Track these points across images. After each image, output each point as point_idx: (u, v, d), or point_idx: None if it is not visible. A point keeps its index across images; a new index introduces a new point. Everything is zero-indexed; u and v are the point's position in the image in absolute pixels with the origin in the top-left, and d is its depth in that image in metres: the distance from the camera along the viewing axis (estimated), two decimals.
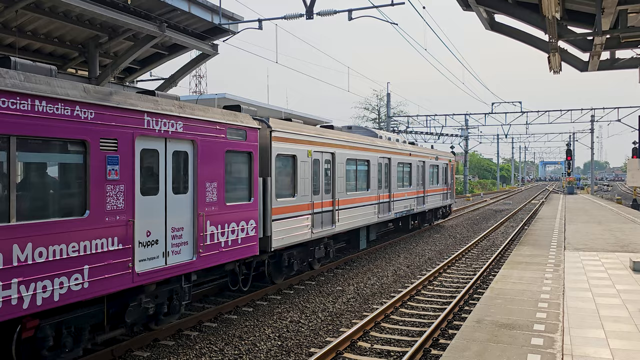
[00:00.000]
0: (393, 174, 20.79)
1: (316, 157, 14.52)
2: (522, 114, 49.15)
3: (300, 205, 13.50)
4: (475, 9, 10.94)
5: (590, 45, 11.03)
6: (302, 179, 13.62)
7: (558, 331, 7.88)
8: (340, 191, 15.89)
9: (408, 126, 55.97)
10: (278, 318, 11.26)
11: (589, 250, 15.96)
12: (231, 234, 10.74)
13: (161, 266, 9.01)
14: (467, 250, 20.70)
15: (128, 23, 14.49)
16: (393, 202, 20.77)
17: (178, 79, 19.49)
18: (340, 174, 15.90)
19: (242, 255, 11.12)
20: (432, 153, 27.02)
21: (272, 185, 12.23)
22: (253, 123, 11.57)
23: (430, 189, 26.34)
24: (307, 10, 16.07)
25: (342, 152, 16.13)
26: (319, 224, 14.60)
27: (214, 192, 10.28)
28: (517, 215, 37.52)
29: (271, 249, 12.22)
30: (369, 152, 18.36)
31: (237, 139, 10.97)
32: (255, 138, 11.59)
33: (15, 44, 15.18)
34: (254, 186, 11.50)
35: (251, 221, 11.38)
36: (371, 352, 9.30)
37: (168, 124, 9.18)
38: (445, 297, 13.36)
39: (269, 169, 12.23)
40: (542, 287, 10.88)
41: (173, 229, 9.31)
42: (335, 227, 15.54)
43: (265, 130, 12.35)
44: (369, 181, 18.35)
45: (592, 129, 57.90)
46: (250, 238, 11.36)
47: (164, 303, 9.53)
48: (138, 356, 8.98)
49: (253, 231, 11.47)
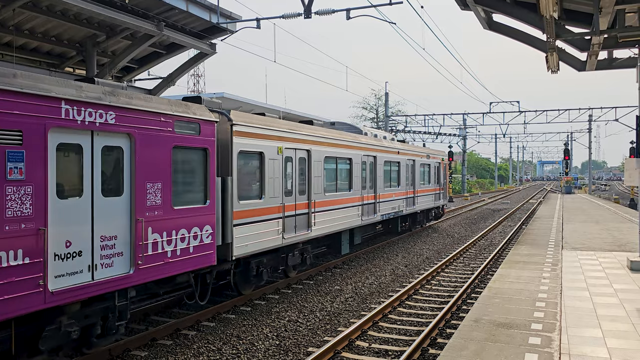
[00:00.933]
0: (379, 173, 19.51)
1: (288, 155, 13.28)
2: (520, 114, 49.22)
3: (268, 208, 12.26)
4: (474, 8, 10.94)
5: (588, 44, 11.04)
6: (270, 179, 12.38)
7: (555, 330, 7.89)
8: (317, 192, 14.66)
9: (406, 126, 56.00)
10: (276, 317, 11.26)
11: (586, 249, 15.99)
12: (180, 242, 9.42)
13: (86, 282, 7.67)
14: (465, 250, 20.72)
15: (126, 22, 14.46)
16: (379, 203, 19.46)
17: (176, 78, 19.44)
18: (317, 173, 14.66)
19: (195, 266, 9.81)
20: (422, 151, 25.85)
21: (233, 186, 10.92)
22: (208, 115, 10.24)
23: (421, 189, 25.15)
24: (305, 10, 16.06)
25: (320, 149, 14.88)
26: (291, 229, 13.29)
27: (158, 194, 8.95)
28: (515, 215, 37.56)
29: (232, 258, 10.92)
30: (352, 150, 17.16)
31: (188, 133, 9.66)
32: (212, 132, 10.27)
33: (12, 42, 15.14)
34: (210, 187, 10.20)
35: (206, 227, 10.05)
36: (369, 351, 9.30)
37: (95, 114, 7.81)
38: (443, 296, 13.37)
39: (230, 168, 10.93)
40: (539, 286, 10.90)
41: (103, 238, 7.99)
42: (311, 232, 14.26)
43: (225, 123, 11.00)
44: (351, 181, 17.11)
45: (589, 129, 58.01)
46: (205, 246, 10.03)
47: (96, 324, 8.22)
48: (136, 355, 8.97)
49: (209, 238, 10.14)
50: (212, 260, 10.28)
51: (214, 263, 10.34)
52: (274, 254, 12.96)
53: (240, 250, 11.18)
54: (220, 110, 11.11)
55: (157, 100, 9.12)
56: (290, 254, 13.74)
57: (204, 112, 10.16)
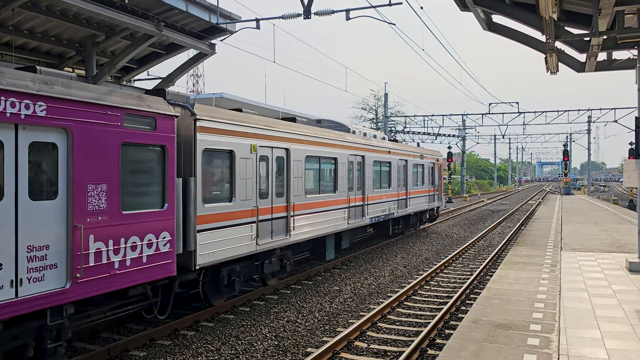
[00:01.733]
0: (368, 173, 18.46)
1: (264, 154, 12.27)
2: (520, 115, 49.21)
3: (239, 211, 11.28)
4: (473, 9, 10.95)
5: (587, 46, 11.06)
6: (242, 180, 11.38)
7: (554, 331, 7.90)
8: (297, 194, 13.66)
9: (405, 126, 56.00)
10: (275, 318, 11.26)
11: (585, 250, 16.00)
12: (131, 251, 8.42)
13: (8, 300, 6.66)
14: (464, 251, 20.72)
15: (125, 22, 14.45)
16: (367, 205, 18.44)
17: (175, 78, 19.43)
18: (297, 173, 13.67)
19: (149, 278, 8.80)
20: (416, 151, 24.80)
21: (196, 188, 9.96)
22: (166, 109, 9.16)
23: (414, 190, 24.14)
24: (305, 10, 16.06)
25: (300, 147, 13.85)
26: (267, 234, 12.31)
27: (102, 197, 7.94)
28: (514, 216, 37.57)
29: (195, 267, 9.96)
30: (337, 149, 16.14)
31: (140, 128, 8.64)
32: (171, 128, 9.23)
33: (11, 42, 15.14)
34: (168, 189, 9.16)
35: (164, 233, 9.06)
36: (368, 352, 9.30)
37: (19, 104, 6.78)
38: (442, 297, 13.37)
39: (193, 168, 9.97)
40: (538, 287, 10.90)
41: (30, 248, 6.96)
42: (290, 237, 13.24)
43: (188, 118, 10.01)
44: (336, 182, 16.11)
45: (588, 130, 58.06)
46: (162, 255, 9.03)
47: (28, 345, 7.25)
48: (134, 356, 8.96)
49: (167, 246, 9.11)
50: (172, 271, 9.27)
51: (174, 274, 9.35)
52: (248, 261, 12.04)
53: (206, 258, 10.23)
54: (183, 103, 10.13)
55: (102, 91, 8.08)
56: (267, 260, 12.75)
57: (160, 105, 9.09)
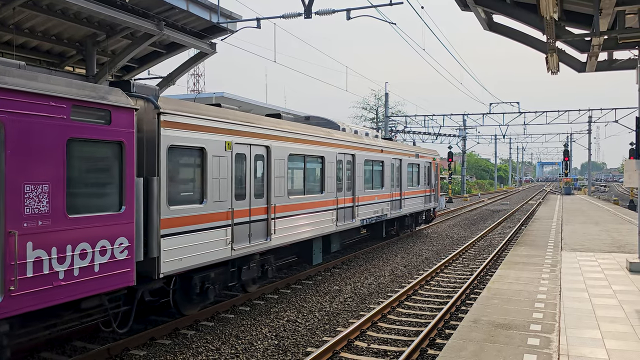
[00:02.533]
0: (358, 173, 17.53)
1: (240, 151, 11.35)
2: (520, 115, 49.23)
3: (212, 214, 10.41)
4: (474, 9, 10.95)
5: (588, 46, 11.05)
6: (215, 180, 10.51)
7: (554, 331, 7.89)
8: (278, 195, 12.77)
9: (406, 126, 56.02)
10: (275, 317, 11.26)
11: (585, 250, 15.99)
12: (80, 259, 7.52)
13: None
14: (465, 251, 20.72)
15: (126, 21, 14.46)
16: (358, 207, 17.49)
17: (176, 78, 19.45)
18: (278, 172, 12.80)
19: (103, 288, 7.93)
20: (411, 150, 23.89)
21: (160, 189, 9.05)
22: (123, 101, 8.24)
23: (409, 191, 23.14)
24: (306, 10, 16.07)
25: (282, 145, 12.96)
26: (244, 238, 11.42)
27: (44, 199, 7.09)
28: (514, 216, 37.57)
29: (159, 275, 9.06)
30: (324, 147, 15.22)
31: (92, 122, 7.75)
32: (130, 122, 8.34)
33: (12, 41, 15.14)
34: (126, 190, 8.26)
35: (120, 239, 8.16)
36: (368, 351, 9.30)
37: None
38: (442, 297, 13.37)
39: (156, 166, 9.07)
40: (539, 287, 10.90)
41: None
42: (270, 241, 12.35)
43: (151, 112, 9.09)
44: (323, 182, 15.19)
45: (589, 130, 58.04)
46: (118, 263, 8.14)
47: None
48: (134, 355, 8.96)
49: (124, 253, 8.23)
50: (130, 280, 8.39)
51: (133, 283, 8.45)
52: (223, 267, 11.17)
53: (171, 265, 9.33)
54: (145, 95, 9.23)
55: (44, 79, 7.24)
56: (245, 266, 11.83)
57: (116, 97, 8.17)
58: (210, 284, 10.71)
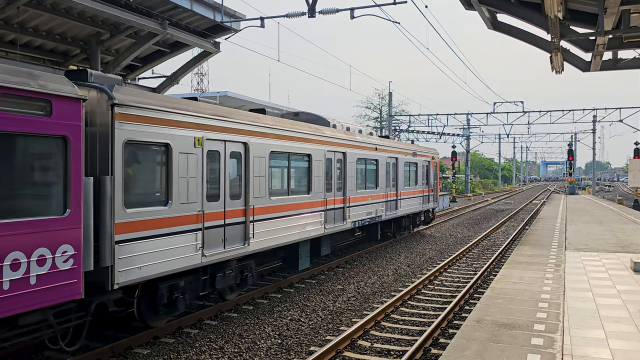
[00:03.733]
0: (350, 172, 16.63)
1: (213, 148, 10.44)
2: (524, 114, 49.12)
3: (179, 217, 9.47)
4: (478, 8, 10.92)
5: (593, 45, 11.01)
6: (182, 180, 9.58)
7: (558, 331, 7.87)
8: (258, 195, 11.83)
9: (410, 125, 55.98)
10: (278, 316, 11.27)
11: (589, 250, 15.95)
12: (11, 270, 6.64)
13: None
14: (468, 250, 20.69)
15: (130, 20, 14.50)
16: (350, 208, 16.57)
17: (180, 77, 19.49)
18: (258, 171, 11.89)
19: (42, 303, 7.04)
20: (408, 148, 22.92)
21: (115, 189, 8.16)
22: (67, 90, 7.32)
23: (406, 191, 22.19)
24: (309, 9, 16.07)
25: (262, 142, 12.05)
26: (217, 243, 10.47)
27: None
28: (518, 215, 37.49)
29: (113, 287, 8.15)
30: (311, 144, 14.31)
31: (26, 113, 6.87)
32: (76, 114, 7.43)
33: (16, 40, 15.19)
34: (71, 191, 7.34)
35: (64, 247, 7.23)
36: (371, 350, 9.29)
37: None
38: (445, 296, 13.35)
39: (110, 164, 8.16)
40: (542, 287, 10.87)
41: None
42: (248, 246, 11.40)
43: (104, 103, 8.15)
44: (310, 182, 14.29)
45: (594, 130, 57.86)
46: (62, 274, 7.22)
47: None
48: (138, 353, 8.98)
49: (68, 262, 7.30)
50: (77, 293, 7.48)
51: (80, 296, 7.54)
52: (195, 275, 10.29)
53: (129, 275, 8.42)
54: (98, 85, 8.29)
55: None
56: (220, 274, 10.96)
57: (59, 85, 7.24)
58: (179, 293, 9.86)
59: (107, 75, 8.69)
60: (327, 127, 16.00)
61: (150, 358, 8.80)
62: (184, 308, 10.00)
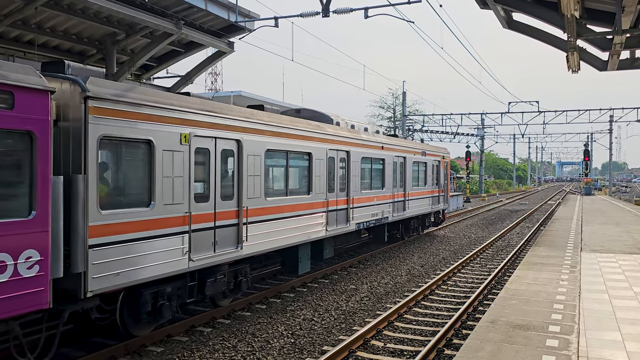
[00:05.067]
0: (354, 172, 15.97)
1: (202, 146, 9.82)
2: (540, 114, 48.66)
3: (163, 219, 8.86)
4: (493, 7, 10.84)
5: (610, 44, 10.88)
6: (167, 179, 8.96)
7: (574, 333, 7.80)
8: (253, 196, 11.22)
9: (423, 125, 55.76)
10: (291, 316, 11.28)
11: (606, 251, 15.77)
12: None
13: None
14: (482, 251, 20.56)
15: (145, 20, 14.60)
16: (353, 209, 15.92)
17: (194, 77, 19.58)
18: (253, 171, 11.26)
19: (1, 314, 6.48)
20: (416, 147, 22.15)
21: (88, 189, 7.55)
22: (33, 81, 6.75)
23: (414, 191, 21.41)
24: (324, 8, 16.05)
25: (257, 139, 11.40)
26: (206, 246, 9.88)
27: None
28: (533, 216, 37.18)
29: (86, 294, 7.57)
30: (312, 142, 13.66)
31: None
32: (44, 108, 6.84)
33: (34, 40, 15.38)
34: (37, 191, 6.73)
35: (28, 252, 6.64)
36: (384, 351, 9.27)
37: None
38: (459, 297, 13.28)
39: (83, 162, 7.56)
40: (557, 288, 10.77)
41: None
42: (241, 249, 10.80)
43: (76, 95, 7.56)
44: (310, 182, 13.63)
45: (610, 130, 57.22)
46: (25, 282, 6.63)
47: None
48: (152, 351, 9.05)
49: (33, 269, 6.71)
50: (44, 302, 6.88)
51: (47, 305, 6.94)
52: (183, 280, 9.73)
53: (104, 282, 7.83)
54: (72, 76, 7.69)
55: None
56: (211, 279, 10.36)
57: (22, 76, 6.66)
58: (165, 300, 9.27)
59: (87, 67, 8.21)
60: (330, 124, 15.43)
61: (163, 356, 8.86)
62: (170, 316, 9.43)
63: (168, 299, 9.37)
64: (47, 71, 7.79)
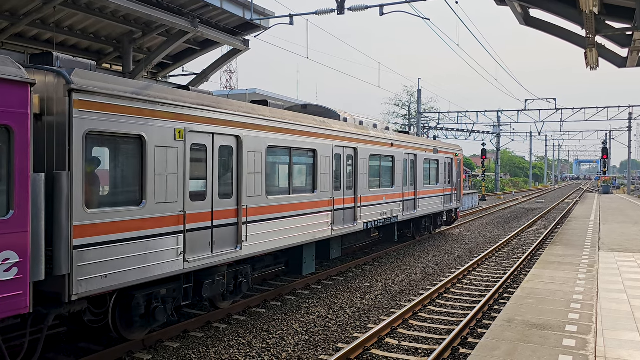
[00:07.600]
0: (361, 169, 15.41)
1: (198, 142, 9.37)
2: (557, 111, 48.07)
3: (155, 218, 8.43)
4: (510, 3, 10.75)
5: (629, 40, 10.74)
6: (160, 176, 8.54)
7: (591, 333, 7.72)
8: (253, 194, 10.75)
9: (439, 123, 55.46)
10: (306, 313, 11.31)
11: (624, 251, 15.58)
12: None
13: None
14: (498, 249, 20.43)
15: (161, 19, 14.72)
16: (361, 207, 15.37)
17: (210, 74, 19.70)
18: (253, 168, 10.78)
19: None
20: (428, 144, 21.43)
21: (72, 187, 7.12)
22: (10, 71, 6.30)
23: (426, 190, 20.83)
24: (339, 6, 16.03)
25: (258, 135, 10.90)
26: (203, 247, 9.43)
27: None
28: (549, 215, 36.84)
29: (70, 298, 7.14)
30: (317, 139, 13.15)
31: None
32: (22, 101, 6.40)
33: (53, 39, 15.57)
34: (16, 189, 6.34)
35: (5, 253, 6.22)
36: (399, 349, 9.27)
37: None
38: (474, 295, 13.22)
39: (67, 158, 7.13)
40: (575, 287, 10.67)
41: None
42: (241, 250, 10.33)
43: (60, 88, 7.15)
44: (315, 180, 13.13)
45: (629, 127, 56.42)
46: (1, 285, 6.21)
47: None
48: (168, 347, 9.13)
49: (11, 272, 6.31)
50: (23, 306, 6.47)
51: (27, 310, 6.53)
52: (177, 282, 9.29)
53: (91, 284, 7.41)
54: (56, 68, 7.31)
55: None
56: (208, 280, 9.93)
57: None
58: (159, 302, 8.89)
59: (77, 59, 7.83)
60: (337, 120, 14.82)
61: (180, 351, 8.94)
62: (164, 319, 9.01)
63: (162, 302, 9.00)
64: (35, 63, 7.43)
